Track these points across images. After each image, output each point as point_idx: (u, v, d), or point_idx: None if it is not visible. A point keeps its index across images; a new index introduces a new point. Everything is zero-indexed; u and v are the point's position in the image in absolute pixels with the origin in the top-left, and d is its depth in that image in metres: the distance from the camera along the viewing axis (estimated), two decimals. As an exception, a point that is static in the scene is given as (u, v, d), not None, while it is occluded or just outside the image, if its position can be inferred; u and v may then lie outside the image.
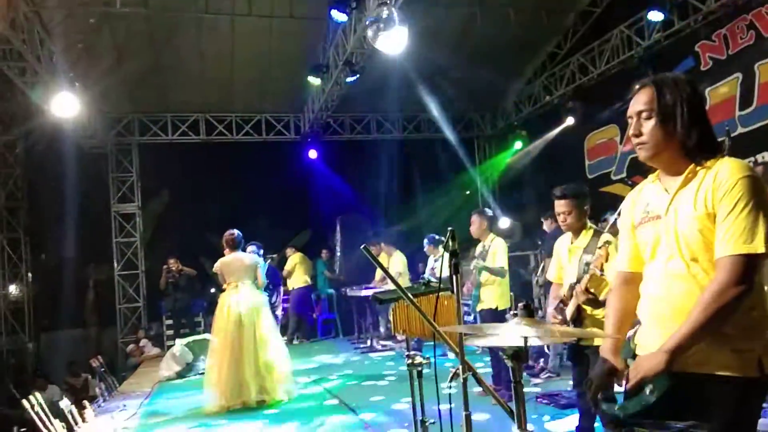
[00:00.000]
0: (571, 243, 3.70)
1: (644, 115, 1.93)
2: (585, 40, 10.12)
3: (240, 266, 6.26)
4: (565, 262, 3.73)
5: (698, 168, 1.88)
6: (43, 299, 12.53)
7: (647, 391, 1.84)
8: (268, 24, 9.47)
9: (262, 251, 8.19)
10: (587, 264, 3.45)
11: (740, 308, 1.76)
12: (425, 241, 8.08)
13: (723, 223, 1.78)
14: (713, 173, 1.84)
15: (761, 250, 1.74)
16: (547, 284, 4.88)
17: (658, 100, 1.90)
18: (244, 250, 6.54)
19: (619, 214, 2.43)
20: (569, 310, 3.55)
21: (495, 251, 5.56)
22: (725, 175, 1.81)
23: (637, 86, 1.99)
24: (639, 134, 1.95)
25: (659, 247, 1.94)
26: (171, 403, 6.65)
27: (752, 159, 7.13)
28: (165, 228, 13.06)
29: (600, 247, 3.38)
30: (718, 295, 1.74)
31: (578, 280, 3.50)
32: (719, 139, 2.09)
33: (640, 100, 1.95)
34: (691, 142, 1.88)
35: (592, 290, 3.45)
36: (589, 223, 3.71)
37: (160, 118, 11.60)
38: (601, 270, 3.36)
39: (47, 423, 5.29)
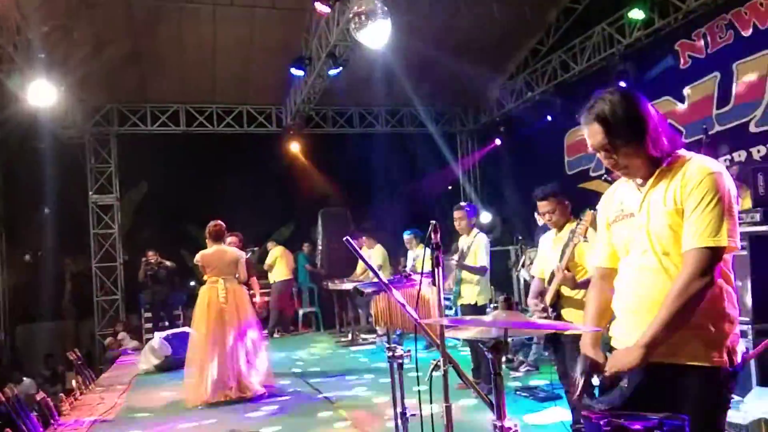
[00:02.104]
0: (555, 236, 3.84)
1: (606, 151, 1.97)
2: (567, 36, 10.19)
3: (222, 259, 6.21)
4: (548, 253, 3.82)
5: (667, 166, 1.95)
6: (19, 291, 12.33)
7: (623, 384, 1.88)
8: (250, 14, 9.38)
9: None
10: (572, 231, 3.53)
11: (706, 299, 1.82)
12: (405, 235, 8.08)
13: (690, 217, 1.85)
14: (683, 171, 1.91)
15: (725, 243, 1.81)
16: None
17: (609, 134, 1.93)
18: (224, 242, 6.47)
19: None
20: (549, 295, 3.65)
21: (477, 248, 5.53)
22: (693, 172, 1.88)
23: (581, 123, 2.02)
24: (616, 165, 2.00)
25: (633, 242, 2.01)
26: (150, 397, 6.59)
27: (728, 157, 7.25)
28: (144, 220, 12.95)
29: (582, 218, 3.48)
30: (685, 287, 1.81)
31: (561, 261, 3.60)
32: (697, 138, 2.14)
33: (593, 139, 1.98)
34: (656, 151, 1.94)
35: (570, 270, 3.55)
36: (572, 218, 3.81)
37: (139, 108, 11.46)
38: (585, 236, 3.44)
39: (23, 416, 5.22)
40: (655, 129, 1.94)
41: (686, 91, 8.06)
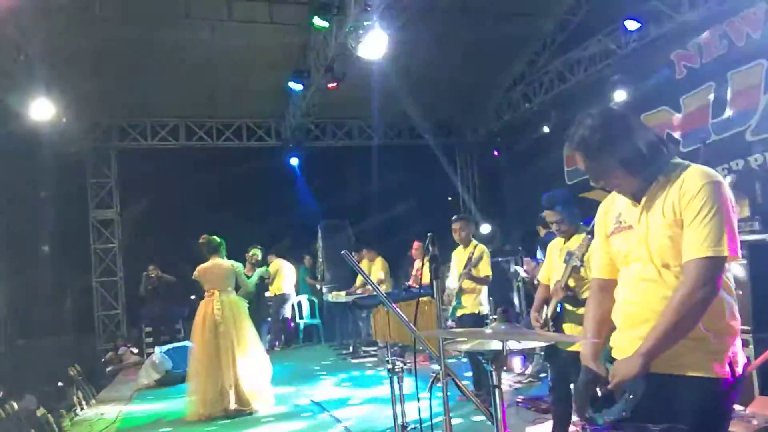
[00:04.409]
0: (563, 245, 3.74)
1: (593, 175, 2.03)
2: (563, 47, 10.24)
3: (217, 273, 6.20)
4: (554, 261, 3.77)
5: (662, 178, 1.95)
6: (19, 306, 12.28)
7: (627, 397, 1.88)
8: (249, 29, 9.43)
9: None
10: (569, 253, 3.50)
11: (708, 309, 1.81)
12: (416, 243, 8.09)
13: (689, 227, 1.85)
14: (680, 181, 1.90)
15: (726, 253, 1.80)
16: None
17: (593, 163, 1.99)
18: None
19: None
20: (549, 309, 3.60)
21: (482, 260, 5.49)
22: (690, 182, 1.88)
23: (565, 149, 2.08)
24: (608, 185, 2.06)
25: (632, 254, 2.01)
26: (150, 411, 6.57)
27: (726, 166, 7.27)
28: (144, 234, 12.90)
29: (583, 241, 3.44)
30: (686, 298, 1.80)
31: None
32: (695, 147, 2.16)
33: (581, 166, 2.05)
34: (644, 169, 1.95)
35: (572, 287, 3.51)
36: (582, 227, 3.73)
37: (139, 123, 11.49)
38: (582, 261, 3.41)
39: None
40: (638, 150, 1.94)
41: (682, 100, 8.10)
